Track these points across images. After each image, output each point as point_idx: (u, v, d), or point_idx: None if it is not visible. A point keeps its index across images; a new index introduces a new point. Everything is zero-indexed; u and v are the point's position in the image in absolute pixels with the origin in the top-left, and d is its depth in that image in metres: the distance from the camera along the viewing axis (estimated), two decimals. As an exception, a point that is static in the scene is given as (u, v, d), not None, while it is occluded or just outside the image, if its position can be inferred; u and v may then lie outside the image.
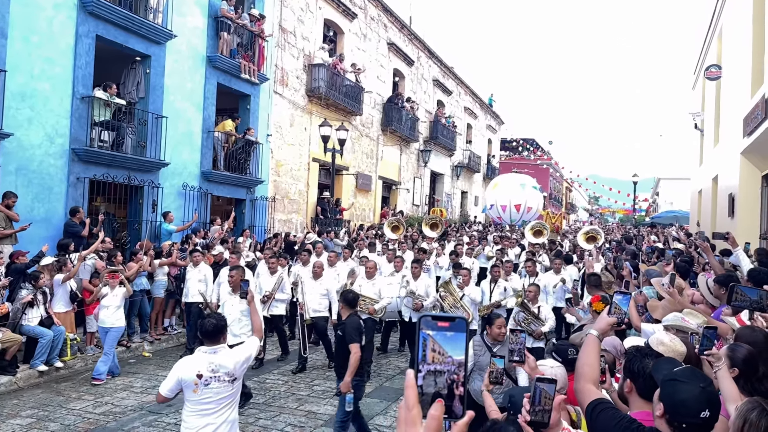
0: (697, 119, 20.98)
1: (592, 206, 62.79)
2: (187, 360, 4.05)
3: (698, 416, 2.04)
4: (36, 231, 9.35)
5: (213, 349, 4.02)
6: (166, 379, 3.95)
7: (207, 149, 13.59)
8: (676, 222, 26.73)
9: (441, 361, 1.04)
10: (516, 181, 24.22)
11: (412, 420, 1.01)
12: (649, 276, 6.87)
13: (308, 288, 8.70)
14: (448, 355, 1.05)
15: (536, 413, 1.79)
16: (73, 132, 10.33)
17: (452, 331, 1.05)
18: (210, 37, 13.52)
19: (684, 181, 33.29)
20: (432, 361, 1.05)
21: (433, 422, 1.00)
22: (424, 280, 8.76)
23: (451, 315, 1.08)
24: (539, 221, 17.47)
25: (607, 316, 2.78)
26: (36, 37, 9.73)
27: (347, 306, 5.75)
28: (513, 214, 22.70)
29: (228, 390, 4.00)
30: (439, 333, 1.05)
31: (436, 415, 1.00)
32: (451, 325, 1.06)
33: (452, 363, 1.04)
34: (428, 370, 1.05)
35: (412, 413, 1.01)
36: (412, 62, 24.49)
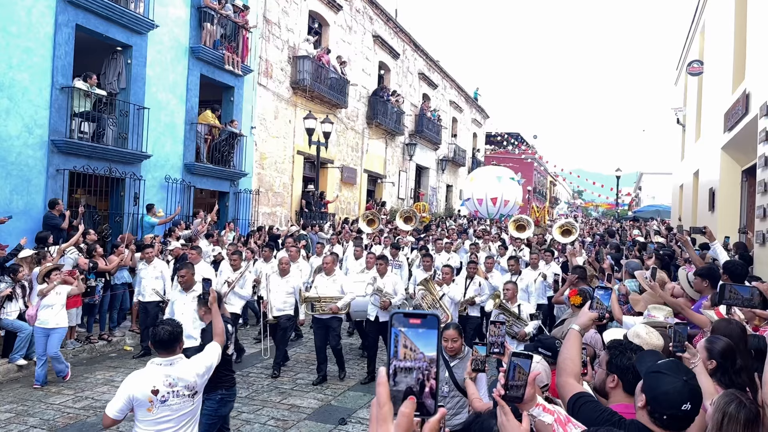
0: (679, 114, 21.19)
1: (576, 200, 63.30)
2: (138, 375, 3.57)
3: (680, 408, 2.06)
4: (15, 224, 9.20)
5: (169, 361, 3.59)
6: (115, 398, 3.48)
7: (190, 141, 13.45)
8: (658, 216, 27.06)
9: (412, 358, 1.03)
10: (492, 174, 23.53)
11: (384, 417, 1.00)
12: (629, 268, 6.95)
13: (273, 285, 8.23)
14: (419, 352, 1.03)
15: (511, 388, 1.79)
16: (53, 123, 10.17)
17: (424, 328, 1.04)
18: (193, 27, 13.36)
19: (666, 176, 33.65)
20: (404, 357, 1.04)
21: (404, 419, 0.99)
22: (391, 277, 8.20)
23: (423, 312, 1.07)
24: (522, 215, 17.19)
25: (588, 311, 2.80)
26: (14, 27, 9.54)
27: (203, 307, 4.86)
28: (489, 208, 22.22)
29: (188, 406, 3.64)
30: (411, 329, 1.04)
31: (407, 412, 1.00)
32: (423, 322, 1.05)
33: (424, 359, 1.03)
34: (400, 367, 1.03)
35: (384, 410, 1.00)
36: (397, 55, 24.43)
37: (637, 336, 3.30)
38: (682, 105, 21.35)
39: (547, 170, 50.23)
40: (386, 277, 8.09)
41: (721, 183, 13.05)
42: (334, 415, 6.58)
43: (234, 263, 8.63)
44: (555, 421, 1.90)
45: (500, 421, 1.77)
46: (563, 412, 1.97)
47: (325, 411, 6.69)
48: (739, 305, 4.09)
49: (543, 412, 1.90)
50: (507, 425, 1.74)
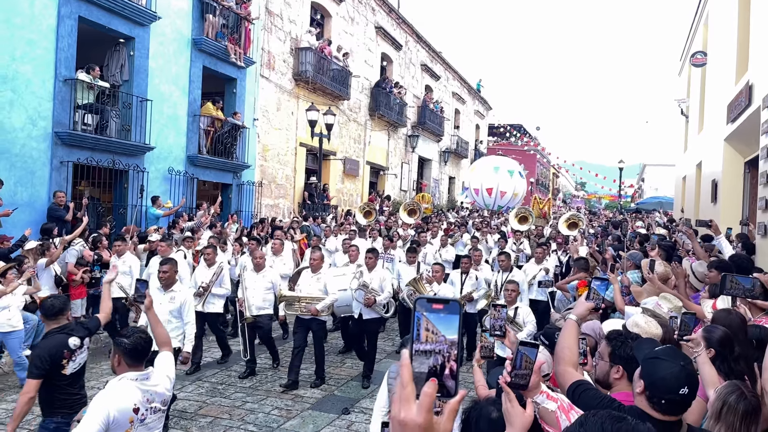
0: (682, 106, 21.12)
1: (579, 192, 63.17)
2: (116, 392, 3.11)
3: (677, 393, 2.10)
4: (19, 215, 9.26)
5: (145, 375, 3.23)
6: (87, 420, 2.96)
7: (193, 133, 13.47)
8: (661, 208, 27.03)
9: (434, 341, 1.08)
10: (489, 164, 22.71)
11: (407, 397, 1.04)
12: (632, 259, 6.98)
13: (250, 282, 7.67)
14: (441, 335, 1.08)
15: (516, 375, 1.84)
16: (56, 115, 10.20)
17: (446, 313, 1.09)
18: (195, 19, 13.35)
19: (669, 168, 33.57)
20: (425, 340, 1.08)
21: (427, 399, 1.04)
22: (379, 272, 7.58)
23: (446, 297, 1.12)
24: (524, 207, 16.90)
25: (585, 301, 2.84)
26: (18, 19, 9.56)
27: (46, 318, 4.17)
28: (486, 199, 21.67)
29: (160, 422, 3.33)
30: (433, 314, 1.09)
31: (429, 392, 1.04)
32: (445, 307, 1.09)
33: (445, 342, 1.08)
34: (421, 350, 1.08)
35: (407, 390, 1.05)
36: (400, 46, 24.36)
37: (636, 325, 3.34)
38: (685, 96, 21.27)
39: (550, 162, 50.16)
40: (374, 271, 7.50)
41: (723, 174, 13.03)
42: (338, 404, 6.65)
43: (208, 259, 7.97)
44: (558, 408, 1.94)
45: (505, 408, 1.81)
46: (566, 399, 2.01)
47: (328, 401, 6.75)
48: (740, 295, 4.12)
49: (547, 399, 1.94)
50: (512, 411, 1.78)
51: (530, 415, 1.78)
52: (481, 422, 1.93)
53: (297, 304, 7.27)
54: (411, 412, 1.04)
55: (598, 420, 1.48)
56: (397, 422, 1.05)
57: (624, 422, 1.45)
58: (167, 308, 5.89)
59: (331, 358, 8.03)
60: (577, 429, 1.51)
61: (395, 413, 1.06)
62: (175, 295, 5.99)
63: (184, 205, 12.67)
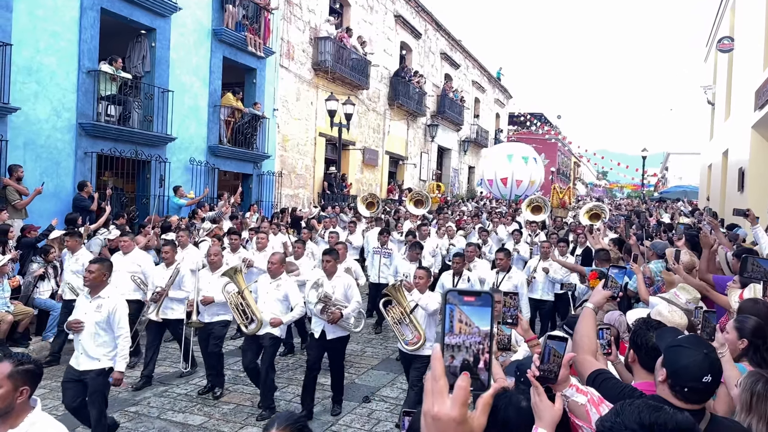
0: (708, 93, 20.69)
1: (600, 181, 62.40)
2: None
3: (700, 380, 2.07)
4: (45, 205, 9.45)
5: None
6: None
7: (213, 124, 13.57)
8: (685, 197, 26.58)
9: (468, 332, 1.07)
10: (502, 152, 21.54)
11: (440, 390, 1.03)
12: (654, 249, 6.88)
13: (204, 283, 6.80)
14: (474, 326, 1.07)
15: (545, 369, 1.83)
16: (80, 106, 10.33)
17: (478, 305, 1.07)
18: (215, 9, 13.39)
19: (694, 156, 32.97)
20: (459, 332, 1.07)
21: (461, 392, 1.02)
22: (342, 279, 6.19)
23: (478, 290, 1.10)
24: (538, 196, 15.87)
25: (602, 290, 2.81)
26: (41, 11, 9.67)
27: None
28: (501, 189, 20.69)
29: None
30: (466, 306, 1.07)
31: (464, 386, 1.03)
32: (477, 299, 1.08)
33: (479, 334, 1.07)
34: (455, 342, 1.07)
35: (440, 384, 1.03)
36: (419, 35, 24.19)
37: (659, 314, 3.30)
38: (711, 83, 20.83)
39: (571, 151, 49.59)
40: (335, 278, 6.15)
41: (750, 162, 12.77)
42: (358, 393, 6.69)
43: (167, 258, 6.99)
44: (588, 402, 1.92)
45: (533, 401, 1.79)
46: (596, 393, 1.98)
47: (349, 389, 6.78)
48: (761, 278, 4.05)
49: (576, 392, 1.92)
50: (540, 405, 1.77)
51: (559, 409, 1.76)
52: (509, 410, 1.91)
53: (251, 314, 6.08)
54: (445, 406, 1.02)
55: (634, 409, 1.46)
56: (431, 417, 1.04)
57: (662, 411, 1.42)
58: (93, 318, 4.83)
59: (352, 347, 8.05)
60: (612, 419, 1.49)
61: (428, 408, 1.04)
62: (103, 303, 4.89)
63: (206, 196, 12.79)
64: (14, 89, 9.11)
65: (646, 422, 1.43)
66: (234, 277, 6.16)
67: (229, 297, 6.12)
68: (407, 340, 5.65)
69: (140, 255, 7.55)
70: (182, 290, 6.91)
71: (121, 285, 6.83)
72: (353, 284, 6.33)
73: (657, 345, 2.55)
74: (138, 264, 7.36)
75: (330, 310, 5.91)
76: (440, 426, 1.02)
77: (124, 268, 7.16)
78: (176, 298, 6.90)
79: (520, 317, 3.06)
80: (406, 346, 5.64)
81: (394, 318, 5.77)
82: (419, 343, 5.58)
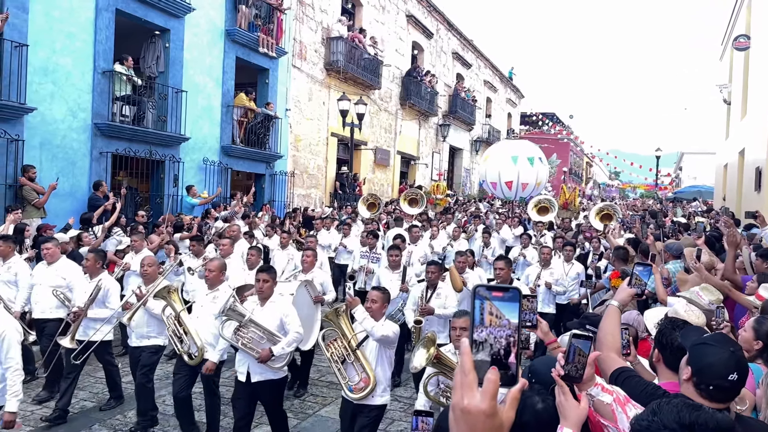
0: (724, 91, 20.46)
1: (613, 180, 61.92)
2: None
3: (726, 378, 2.03)
4: (61, 205, 9.54)
5: None
6: None
7: (226, 124, 13.63)
8: (700, 197, 26.31)
9: (498, 324, 1.07)
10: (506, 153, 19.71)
11: (469, 384, 1.03)
12: (668, 250, 6.80)
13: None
14: (505, 318, 1.07)
15: (570, 368, 1.80)
16: (95, 107, 10.42)
17: (507, 300, 1.09)
18: (228, 10, 13.45)
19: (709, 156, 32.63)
20: (490, 324, 1.07)
21: (491, 386, 1.02)
22: (278, 305, 4.97)
23: (506, 285, 1.11)
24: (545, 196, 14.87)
25: (627, 287, 2.77)
26: (57, 12, 9.76)
27: None
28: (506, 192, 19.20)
29: None
30: (496, 300, 1.08)
31: (494, 379, 1.03)
32: (505, 294, 1.09)
33: (509, 326, 1.07)
34: (485, 334, 1.08)
35: (469, 378, 1.03)
36: (431, 35, 24.15)
37: (676, 313, 3.25)
38: (727, 81, 20.60)
39: (583, 151, 49.27)
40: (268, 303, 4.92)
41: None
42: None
43: (89, 268, 5.92)
44: (614, 401, 1.89)
45: (559, 401, 1.77)
46: (622, 392, 1.95)
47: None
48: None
49: (602, 391, 1.89)
50: (566, 405, 1.75)
51: (585, 408, 1.74)
52: (525, 413, 1.89)
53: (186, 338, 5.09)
54: (475, 399, 1.02)
55: (673, 408, 1.43)
56: (460, 410, 1.03)
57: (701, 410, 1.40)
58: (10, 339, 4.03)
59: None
60: (650, 417, 1.46)
61: (457, 400, 1.04)
62: None
63: (219, 195, 12.85)
64: (30, 90, 9.20)
65: (686, 421, 1.40)
66: (168, 298, 5.16)
67: (167, 321, 5.13)
68: (352, 386, 4.36)
69: (67, 266, 6.35)
70: (107, 308, 5.74)
71: (42, 301, 6.13)
72: (292, 312, 4.92)
73: (682, 344, 2.52)
74: (63, 276, 6.19)
75: (245, 335, 4.67)
76: (470, 419, 1.02)
77: (46, 281, 6.16)
78: (97, 318, 5.68)
79: (540, 320, 3.03)
80: (350, 393, 4.35)
81: (333, 355, 4.45)
82: (368, 389, 4.31)
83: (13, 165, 9.00)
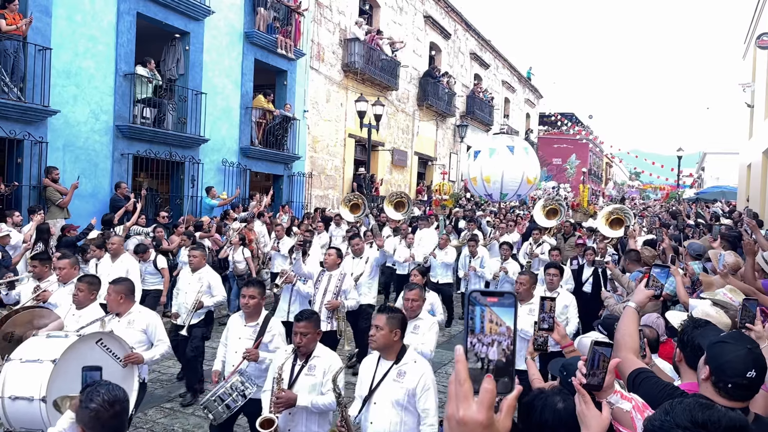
0: (747, 90, 20.10)
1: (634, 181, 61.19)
2: None
3: (744, 376, 2.02)
4: (84, 206, 9.70)
5: None
6: None
7: (245, 125, 13.74)
8: (723, 197, 25.88)
9: (497, 332, 1.03)
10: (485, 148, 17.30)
11: (465, 394, 1.00)
12: (690, 249, 6.71)
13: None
14: (504, 326, 1.03)
15: (591, 376, 1.78)
16: (117, 109, 10.58)
17: (504, 305, 1.04)
18: (247, 12, 13.56)
19: (732, 156, 32.09)
20: (489, 332, 1.03)
21: (488, 395, 0.99)
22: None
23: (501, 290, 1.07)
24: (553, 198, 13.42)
25: (644, 289, 2.74)
26: (79, 16, 9.93)
27: None
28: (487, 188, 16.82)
29: None
30: (493, 305, 1.04)
31: (491, 389, 0.99)
32: (500, 300, 1.04)
33: (507, 334, 1.03)
34: (484, 343, 1.03)
35: (464, 387, 1.00)
36: (448, 35, 24.10)
37: (708, 315, 3.21)
38: (750, 80, 20.24)
39: (603, 151, 48.80)
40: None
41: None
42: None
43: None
44: (633, 408, 1.87)
45: (579, 410, 1.75)
46: (640, 399, 1.94)
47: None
48: None
49: (621, 399, 1.87)
50: (587, 414, 1.73)
51: (607, 418, 1.71)
52: (545, 412, 1.88)
53: None
54: (471, 410, 0.99)
55: (685, 407, 1.41)
56: (455, 421, 1.00)
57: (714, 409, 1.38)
58: None
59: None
60: (662, 417, 1.45)
61: (452, 411, 1.01)
62: None
63: (238, 197, 12.95)
64: (54, 92, 9.37)
65: (699, 420, 1.39)
66: None
67: None
68: None
69: None
70: None
71: None
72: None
73: (700, 344, 2.49)
74: None
75: None
76: (466, 431, 0.99)
77: None
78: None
79: (557, 323, 3.00)
80: None
81: None
82: None
83: (37, 166, 9.18)
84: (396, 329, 3.50)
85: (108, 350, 3.86)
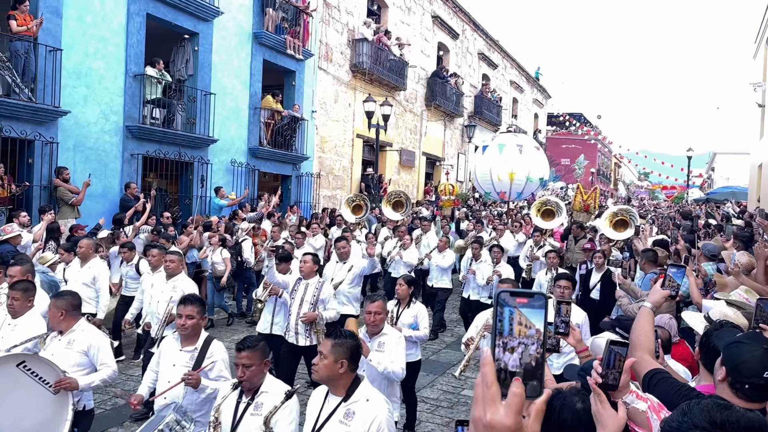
0: (758, 90, 19.96)
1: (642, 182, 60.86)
2: None
3: (761, 376, 1.99)
4: (94, 205, 9.75)
5: None
6: None
7: (254, 125, 13.77)
8: (733, 198, 25.71)
9: (526, 335, 1.00)
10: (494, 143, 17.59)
11: (492, 397, 0.97)
12: (705, 250, 6.66)
13: None
14: (533, 328, 1.00)
15: (607, 376, 1.76)
16: (127, 109, 10.63)
17: (534, 306, 1.01)
18: (256, 13, 13.59)
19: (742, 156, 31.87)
20: (518, 334, 1.00)
21: (516, 399, 0.97)
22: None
23: (531, 291, 1.03)
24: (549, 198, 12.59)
25: (660, 289, 2.72)
26: (89, 17, 9.98)
27: None
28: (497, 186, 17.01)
29: None
30: (522, 306, 1.01)
31: (519, 393, 0.97)
32: (531, 300, 1.01)
33: (535, 337, 1.00)
34: (511, 346, 1.00)
35: (492, 390, 0.98)
36: (456, 35, 24.06)
37: (726, 316, 3.17)
38: (761, 80, 20.09)
39: (611, 151, 48.57)
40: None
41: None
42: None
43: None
44: (649, 408, 1.85)
45: (595, 410, 1.73)
46: (655, 399, 1.91)
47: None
48: None
49: (636, 399, 1.85)
50: (603, 414, 1.71)
51: (623, 418, 1.69)
52: (564, 412, 1.86)
53: None
54: (498, 414, 0.96)
55: (703, 408, 1.40)
56: (482, 425, 0.97)
57: (732, 410, 1.36)
58: None
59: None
60: (680, 418, 1.43)
61: (479, 415, 0.98)
62: None
63: (247, 197, 12.98)
64: (64, 93, 9.42)
65: (717, 421, 1.37)
66: None
67: None
68: None
69: None
70: None
71: None
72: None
73: (716, 345, 2.47)
74: None
75: None
76: None
77: None
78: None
79: (573, 327, 2.98)
80: None
81: None
82: None
83: (48, 167, 9.23)
84: (342, 359, 2.93)
85: (33, 374, 3.38)
